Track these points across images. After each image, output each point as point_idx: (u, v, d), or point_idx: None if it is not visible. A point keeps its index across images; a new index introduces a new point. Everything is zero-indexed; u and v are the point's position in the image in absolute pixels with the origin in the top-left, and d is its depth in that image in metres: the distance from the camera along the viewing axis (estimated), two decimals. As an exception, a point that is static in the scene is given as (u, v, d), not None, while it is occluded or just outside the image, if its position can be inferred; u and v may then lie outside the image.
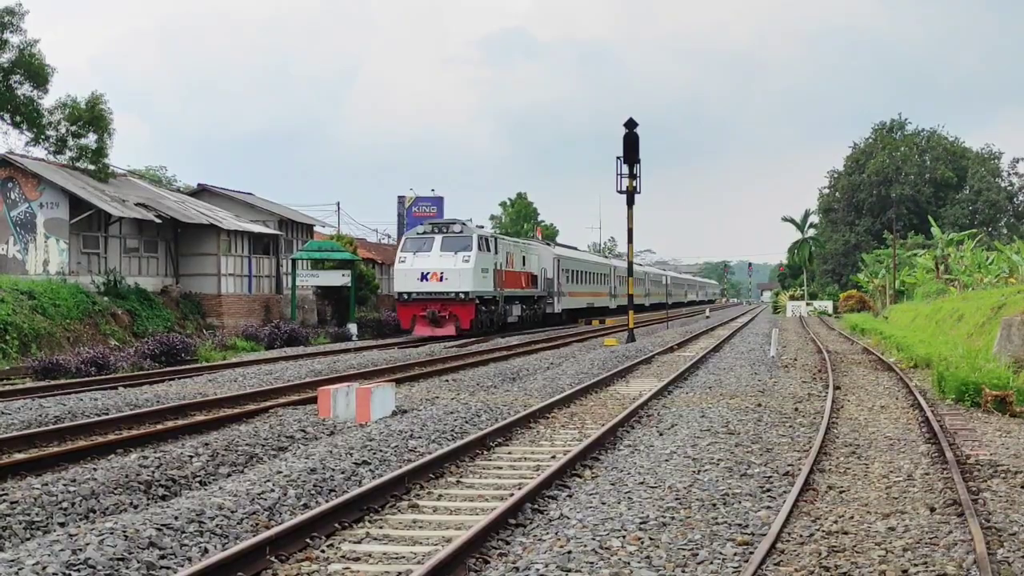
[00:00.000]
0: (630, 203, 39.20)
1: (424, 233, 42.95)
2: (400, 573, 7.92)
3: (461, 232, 42.22)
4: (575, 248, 75.27)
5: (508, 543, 8.64)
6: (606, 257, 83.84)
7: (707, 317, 74.43)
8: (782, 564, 8.01)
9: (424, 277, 41.04)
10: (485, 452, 13.36)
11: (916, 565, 7.92)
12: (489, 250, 43.37)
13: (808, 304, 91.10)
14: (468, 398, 18.73)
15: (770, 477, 11.33)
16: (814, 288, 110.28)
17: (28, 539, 8.75)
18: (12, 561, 7.43)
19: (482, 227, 46.26)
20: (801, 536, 8.81)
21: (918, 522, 9.32)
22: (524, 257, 50.43)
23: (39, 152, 41.49)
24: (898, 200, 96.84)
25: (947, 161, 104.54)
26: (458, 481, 11.55)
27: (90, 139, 41.84)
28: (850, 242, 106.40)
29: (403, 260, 42.13)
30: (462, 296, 40.80)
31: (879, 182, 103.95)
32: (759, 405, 17.84)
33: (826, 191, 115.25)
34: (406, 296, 41.39)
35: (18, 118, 40.24)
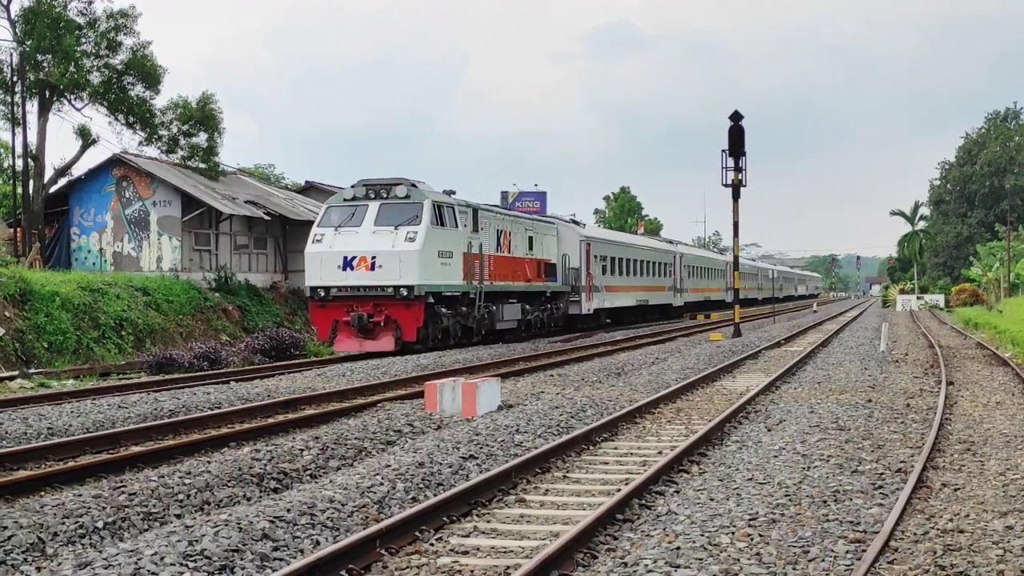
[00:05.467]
0: (735, 196, 38.77)
1: (353, 199, 29.58)
2: (508, 567, 7.95)
3: (407, 197, 29.07)
4: (608, 228, 63.06)
5: (616, 538, 8.62)
6: (671, 242, 68.18)
7: (814, 312, 73.48)
8: (896, 563, 7.87)
9: (348, 264, 28.42)
10: (591, 447, 13.34)
11: (1036, 565, 7.72)
12: (456, 225, 30.76)
13: (919, 298, 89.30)
14: (573, 393, 18.72)
15: (882, 474, 11.13)
16: (925, 282, 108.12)
17: (146, 530, 8.97)
18: (132, 551, 7.62)
19: (455, 193, 32.43)
20: (915, 534, 8.64)
21: (1037, 521, 9.08)
22: (532, 238, 37.91)
23: (152, 151, 42.50)
24: (1012, 191, 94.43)
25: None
26: (564, 476, 11.56)
27: (201, 138, 42.76)
28: (962, 234, 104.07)
29: (319, 239, 29.16)
30: (403, 292, 28.10)
31: (992, 173, 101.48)
32: (869, 401, 17.54)
33: (937, 183, 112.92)
34: (322, 292, 28.72)
35: (131, 118, 41.27)
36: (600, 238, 47.30)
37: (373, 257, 28.23)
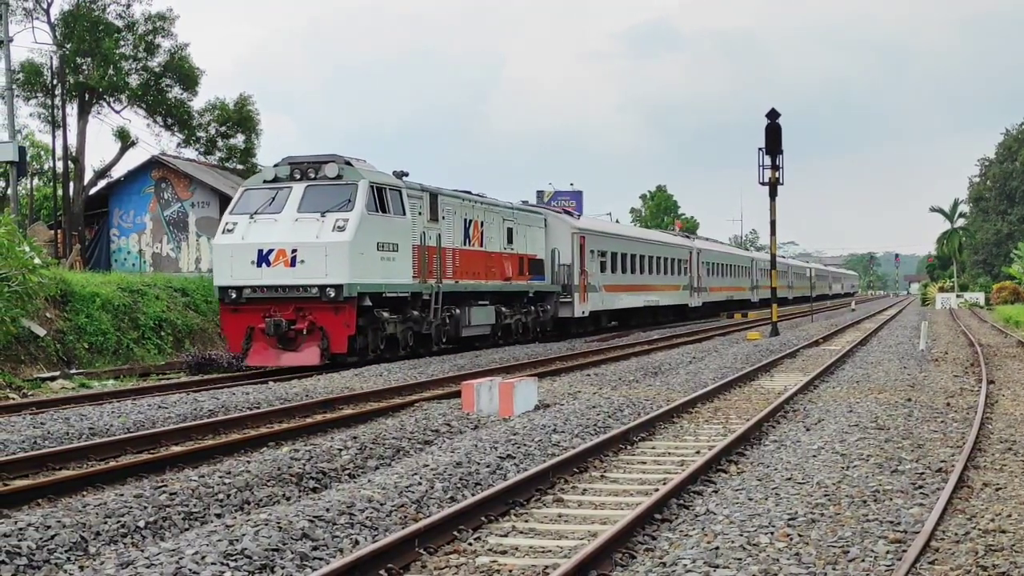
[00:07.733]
0: (772, 195, 38.60)
1: (275, 180, 24.36)
2: (547, 567, 7.95)
3: (339, 177, 23.97)
4: (605, 218, 56.55)
5: (654, 538, 8.61)
6: (687, 236, 62.81)
7: (852, 310, 73.03)
8: (937, 563, 7.81)
9: (263, 259, 23.34)
10: (628, 447, 13.33)
11: (1079, 566, 7.64)
12: (403, 211, 25.45)
13: (958, 296, 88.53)
14: (610, 392, 18.70)
15: (922, 474, 11.05)
16: (964, 280, 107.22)
17: (187, 529, 9.04)
18: (173, 551, 7.69)
19: (406, 173, 26.93)
20: (956, 534, 8.58)
21: (1080, 521, 8.99)
22: (511, 230, 32.57)
23: (190, 153, 42.90)
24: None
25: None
26: (602, 476, 11.55)
27: (238, 139, 43.08)
28: (1002, 232, 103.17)
29: (230, 228, 24.11)
30: (330, 293, 23.04)
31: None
32: (909, 400, 17.42)
33: (976, 180, 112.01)
34: (233, 294, 23.72)
35: (170, 120, 41.64)
36: (597, 231, 41.22)
37: (294, 250, 23.19)
